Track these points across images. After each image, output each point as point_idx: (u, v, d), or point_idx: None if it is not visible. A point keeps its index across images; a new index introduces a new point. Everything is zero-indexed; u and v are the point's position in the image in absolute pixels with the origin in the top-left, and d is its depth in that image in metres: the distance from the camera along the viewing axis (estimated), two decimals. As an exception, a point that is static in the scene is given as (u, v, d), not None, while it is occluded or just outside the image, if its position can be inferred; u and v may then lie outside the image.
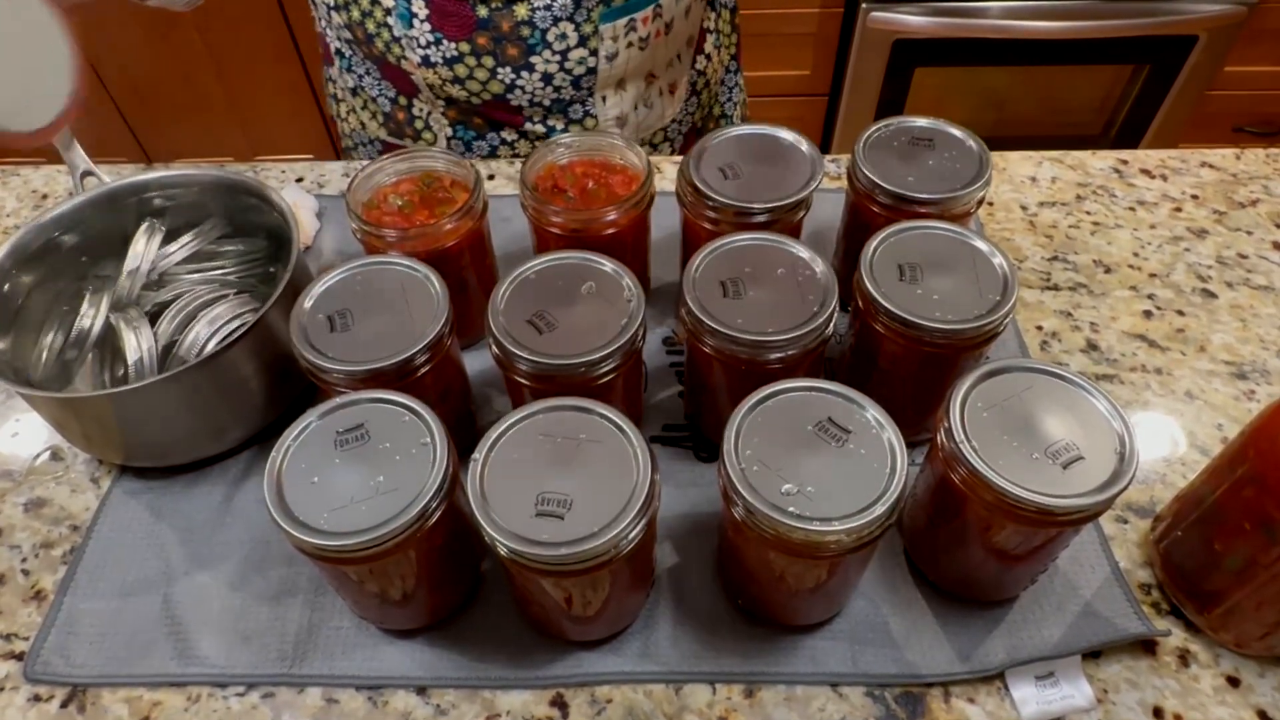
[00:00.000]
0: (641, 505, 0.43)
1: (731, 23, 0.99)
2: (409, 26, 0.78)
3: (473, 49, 0.79)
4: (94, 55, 1.86)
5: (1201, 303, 0.73)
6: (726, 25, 0.98)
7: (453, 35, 0.78)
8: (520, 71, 0.80)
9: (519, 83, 0.81)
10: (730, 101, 1.04)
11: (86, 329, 0.65)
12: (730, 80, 1.03)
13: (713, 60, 0.96)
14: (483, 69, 0.80)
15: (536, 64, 0.80)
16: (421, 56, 0.80)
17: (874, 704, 0.51)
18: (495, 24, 0.77)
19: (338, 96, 0.97)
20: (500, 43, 0.78)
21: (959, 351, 0.54)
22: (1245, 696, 0.51)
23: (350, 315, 0.55)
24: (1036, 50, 1.72)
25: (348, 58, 0.88)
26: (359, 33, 0.83)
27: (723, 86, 1.02)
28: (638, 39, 0.81)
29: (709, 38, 0.94)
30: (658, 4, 0.81)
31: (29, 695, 0.53)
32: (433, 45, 0.79)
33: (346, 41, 0.87)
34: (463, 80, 0.81)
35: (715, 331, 0.52)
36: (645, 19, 0.81)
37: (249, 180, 0.67)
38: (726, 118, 1.04)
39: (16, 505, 0.62)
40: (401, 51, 0.81)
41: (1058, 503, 0.43)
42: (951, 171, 0.63)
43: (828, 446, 0.46)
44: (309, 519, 0.44)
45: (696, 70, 0.94)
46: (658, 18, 0.82)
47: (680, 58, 0.90)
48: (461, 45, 0.78)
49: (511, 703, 0.52)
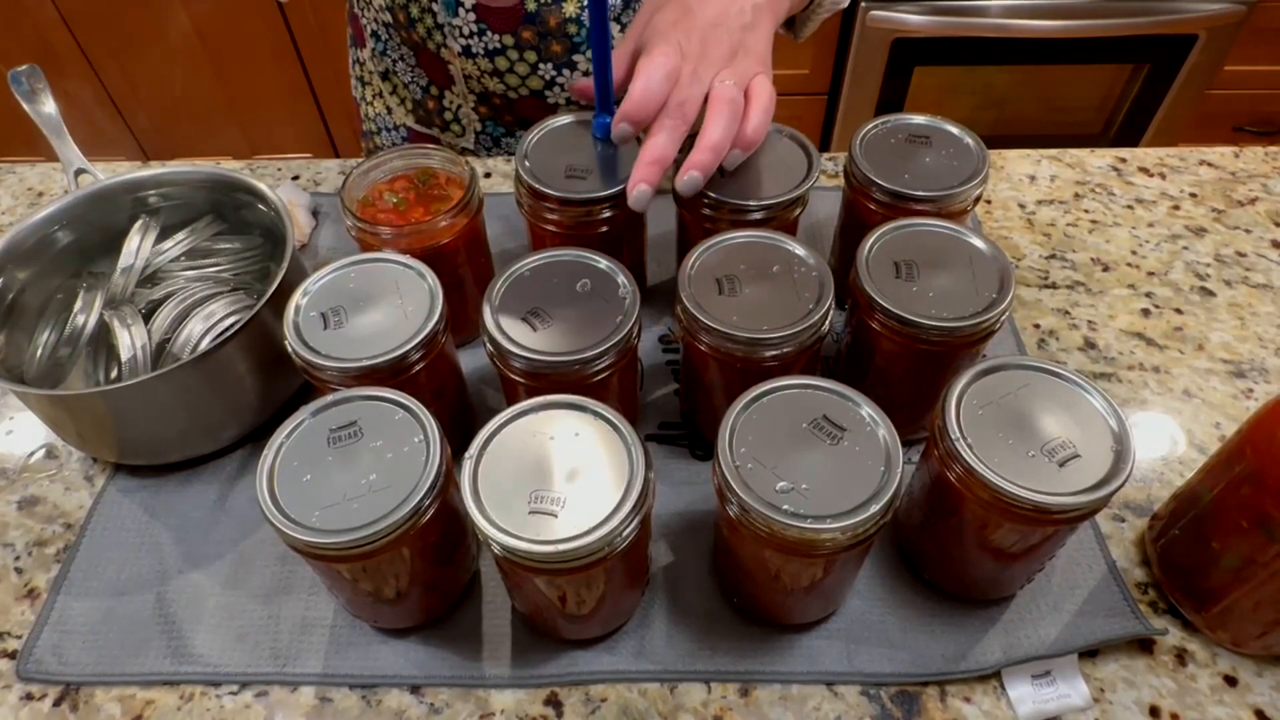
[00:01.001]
0: (636, 503, 0.43)
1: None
2: (454, 14, 0.78)
3: (516, 42, 0.78)
4: (93, 54, 1.86)
5: (1200, 301, 0.73)
6: None
7: (498, 27, 0.78)
8: (562, 69, 0.80)
9: (559, 80, 0.81)
10: None
11: (80, 326, 0.65)
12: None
13: None
14: (524, 64, 0.80)
15: (579, 62, 0.80)
16: (463, 46, 0.80)
17: (869, 703, 0.51)
18: (543, 19, 0.77)
19: (364, 79, 0.96)
20: (545, 38, 0.78)
21: (955, 349, 0.54)
22: (1242, 695, 0.51)
23: (344, 312, 0.55)
24: (1036, 49, 1.72)
25: (384, 40, 0.88)
26: (401, 16, 0.82)
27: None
28: None
29: None
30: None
31: (21, 694, 0.53)
32: (475, 36, 0.78)
33: (385, 25, 0.86)
34: (502, 73, 0.81)
35: (711, 329, 0.52)
36: None
37: (244, 178, 0.67)
38: None
39: (10, 503, 0.62)
40: (443, 39, 0.80)
41: (1054, 501, 0.43)
42: (949, 169, 0.63)
43: (823, 444, 0.46)
44: (301, 517, 0.44)
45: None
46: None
47: None
48: (505, 38, 0.78)
49: (505, 701, 0.52)
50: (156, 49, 1.85)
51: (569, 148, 0.64)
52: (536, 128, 0.66)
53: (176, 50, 1.85)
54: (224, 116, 2.00)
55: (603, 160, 0.63)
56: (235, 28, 1.81)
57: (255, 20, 1.80)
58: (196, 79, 1.91)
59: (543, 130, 0.66)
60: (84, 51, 1.85)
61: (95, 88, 1.92)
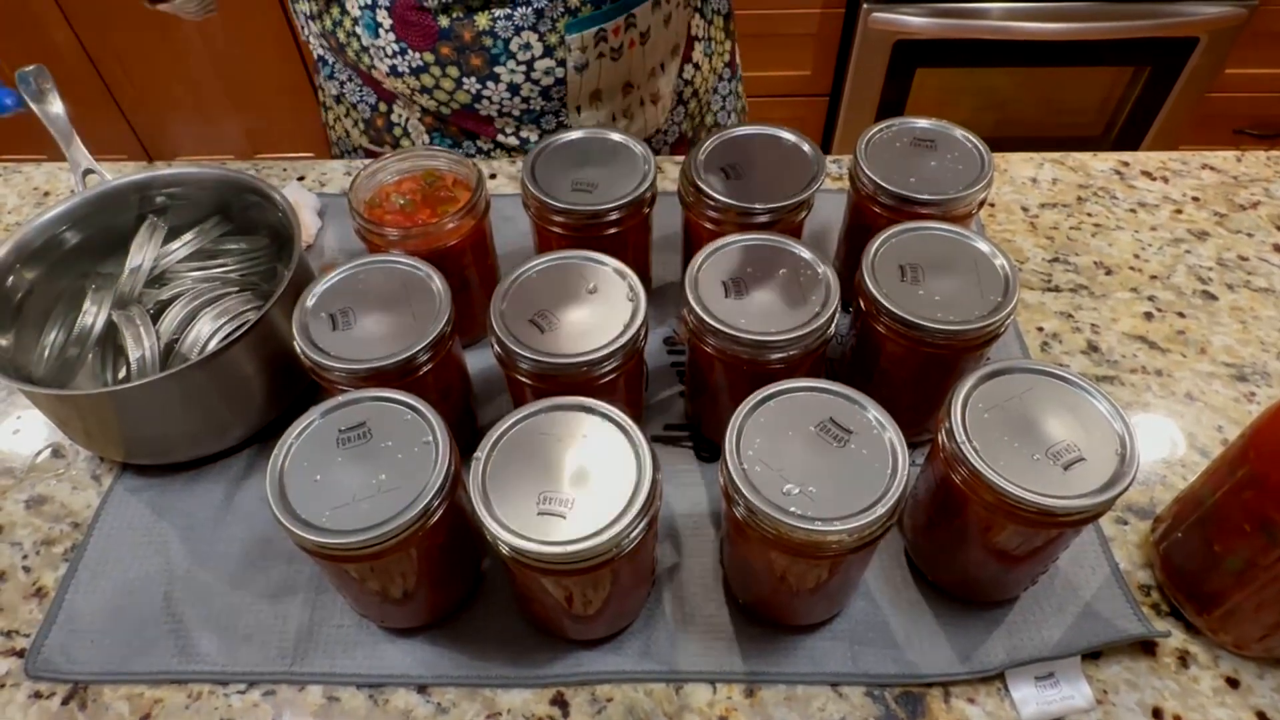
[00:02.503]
0: (643, 505, 0.44)
1: (726, 29, 0.96)
2: (375, 36, 0.78)
3: (437, 59, 0.78)
4: (95, 53, 1.86)
5: (1202, 305, 0.73)
6: (720, 33, 0.95)
7: (417, 45, 0.77)
8: (485, 82, 0.79)
9: (485, 93, 0.80)
10: (724, 110, 1.01)
11: (88, 326, 0.65)
12: (725, 89, 1.00)
13: (702, 69, 0.93)
14: (448, 79, 0.79)
15: (501, 74, 0.79)
16: (389, 66, 0.80)
17: (874, 704, 0.51)
18: (457, 34, 0.76)
19: (326, 104, 0.96)
20: (464, 52, 0.77)
21: (960, 352, 0.54)
22: (1244, 698, 0.51)
23: (352, 314, 0.55)
24: (1037, 51, 1.72)
25: (330, 64, 0.88)
26: (332, 41, 0.82)
27: (715, 95, 0.99)
28: (609, 49, 0.80)
29: (698, 46, 0.91)
30: (630, 14, 0.79)
31: (30, 692, 0.53)
32: (399, 55, 0.78)
33: (326, 49, 0.86)
34: (430, 90, 0.80)
35: (718, 331, 0.52)
36: (616, 29, 0.79)
37: (251, 178, 0.67)
38: (721, 126, 1.01)
39: (18, 502, 0.62)
40: (371, 61, 0.80)
41: (1058, 503, 0.44)
42: (953, 172, 0.63)
43: (829, 447, 0.46)
44: (311, 517, 0.44)
45: (684, 80, 0.91)
46: (631, 28, 0.80)
47: (664, 67, 0.87)
48: (426, 55, 0.78)
49: (512, 701, 0.52)
50: (159, 48, 1.85)
51: (574, 163, 0.65)
52: (543, 141, 0.67)
53: (179, 49, 1.85)
54: (226, 115, 2.00)
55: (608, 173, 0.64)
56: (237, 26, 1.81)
57: (257, 19, 1.80)
58: (199, 78, 1.91)
59: (548, 145, 0.67)
60: (86, 51, 1.85)
61: (98, 87, 1.92)
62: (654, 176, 0.64)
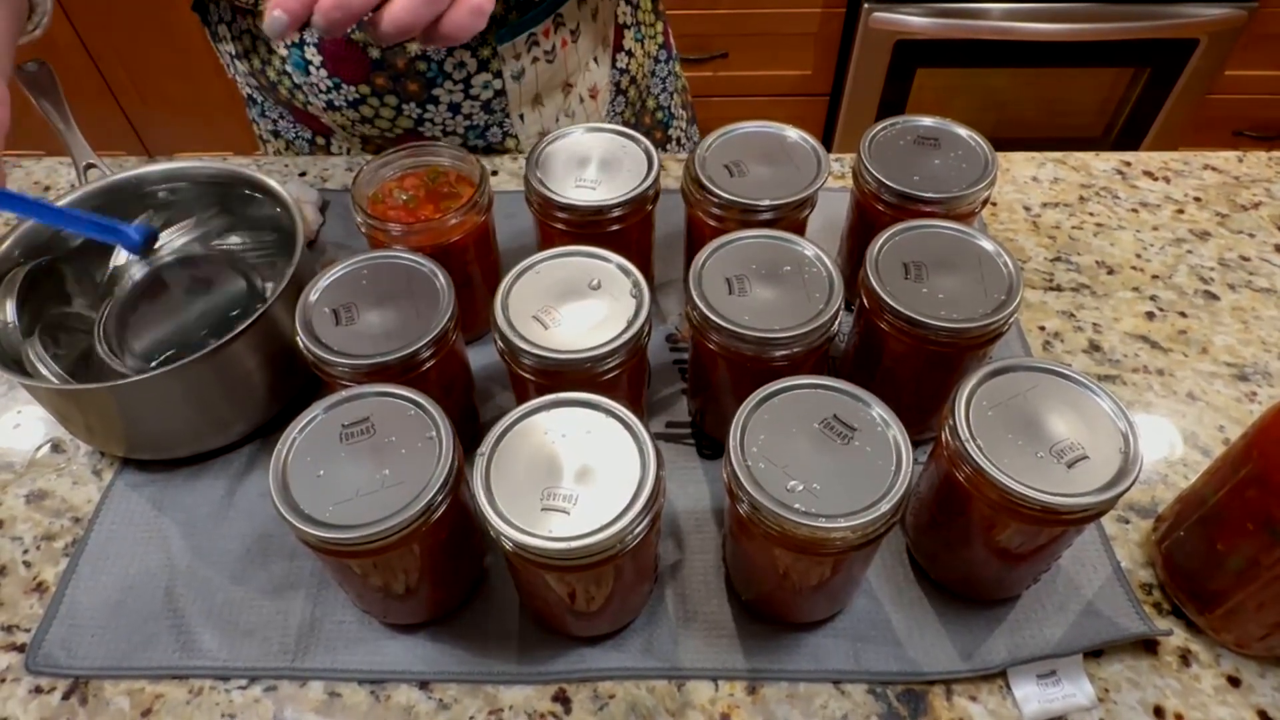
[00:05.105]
0: (647, 501, 0.43)
1: (655, 10, 0.94)
2: (306, 75, 0.77)
3: (373, 90, 0.77)
4: (95, 49, 1.86)
5: (1204, 304, 0.73)
6: (649, 15, 0.92)
7: (350, 78, 0.76)
8: (425, 105, 0.78)
9: (427, 115, 0.80)
10: (665, 92, 0.99)
11: (89, 320, 0.65)
12: (662, 70, 0.98)
13: (635, 55, 0.91)
14: (387, 108, 0.78)
15: (440, 95, 0.78)
16: (325, 101, 0.78)
17: (876, 701, 0.51)
18: (390, 63, 0.75)
19: (263, 138, 0.95)
20: (399, 80, 0.76)
21: (963, 350, 0.54)
22: (1246, 696, 0.51)
23: (355, 309, 0.55)
24: (1038, 52, 1.72)
25: (260, 103, 0.87)
26: (262, 80, 0.81)
27: (654, 78, 0.97)
28: (542, 52, 0.79)
29: (628, 33, 0.90)
30: (558, 14, 0.78)
31: (30, 687, 0.53)
32: (333, 90, 0.77)
33: (255, 88, 0.85)
34: (371, 120, 0.79)
35: (721, 328, 0.52)
36: (546, 31, 0.78)
37: (253, 173, 0.67)
38: (664, 109, 1.00)
39: (18, 497, 0.62)
40: (305, 98, 0.79)
41: (1062, 502, 0.44)
42: (957, 171, 0.63)
43: (833, 444, 0.46)
44: (314, 512, 0.44)
45: (619, 69, 0.90)
46: (560, 27, 0.79)
47: (597, 60, 0.86)
48: (361, 87, 0.77)
49: (514, 697, 0.52)
50: (159, 46, 1.85)
51: (577, 160, 0.65)
52: (546, 138, 0.67)
53: (179, 47, 1.85)
54: (225, 111, 1.99)
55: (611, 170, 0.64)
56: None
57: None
58: (199, 75, 1.91)
59: (551, 141, 0.67)
60: (85, 45, 1.85)
61: (98, 84, 1.91)
62: (657, 173, 0.64)
